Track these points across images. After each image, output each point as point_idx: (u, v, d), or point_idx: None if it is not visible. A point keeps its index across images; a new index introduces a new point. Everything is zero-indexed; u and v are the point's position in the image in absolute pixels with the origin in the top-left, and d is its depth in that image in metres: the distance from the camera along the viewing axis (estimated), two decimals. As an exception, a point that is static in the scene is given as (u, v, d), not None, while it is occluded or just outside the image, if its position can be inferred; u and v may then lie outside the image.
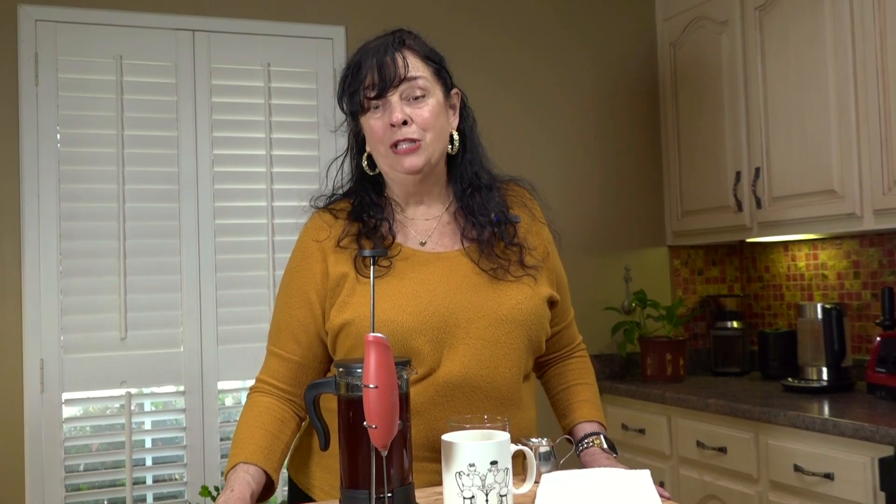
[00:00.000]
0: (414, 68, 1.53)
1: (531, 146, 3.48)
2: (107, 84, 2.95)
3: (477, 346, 1.50)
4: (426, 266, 1.55)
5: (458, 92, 1.63)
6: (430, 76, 1.55)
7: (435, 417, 1.47)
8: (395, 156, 1.53)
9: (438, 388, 1.49)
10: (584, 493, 1.20)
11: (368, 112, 1.54)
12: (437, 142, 1.55)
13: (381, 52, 1.53)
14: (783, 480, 2.59)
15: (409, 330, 1.47)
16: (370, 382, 1.16)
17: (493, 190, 1.62)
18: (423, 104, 1.53)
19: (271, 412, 1.54)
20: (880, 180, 2.62)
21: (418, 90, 1.53)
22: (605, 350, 3.53)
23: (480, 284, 1.54)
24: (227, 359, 3.01)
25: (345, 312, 1.51)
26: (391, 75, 1.51)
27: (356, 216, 1.60)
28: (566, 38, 3.58)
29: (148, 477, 2.93)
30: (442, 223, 1.62)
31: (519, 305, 1.53)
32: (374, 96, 1.52)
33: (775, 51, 3.02)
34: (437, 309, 1.50)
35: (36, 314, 2.83)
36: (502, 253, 1.57)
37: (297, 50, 3.18)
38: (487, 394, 1.51)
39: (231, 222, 3.06)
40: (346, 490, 1.27)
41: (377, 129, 1.53)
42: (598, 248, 3.57)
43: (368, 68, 1.53)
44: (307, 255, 1.59)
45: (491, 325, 1.51)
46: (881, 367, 2.71)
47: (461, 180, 1.62)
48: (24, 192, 2.85)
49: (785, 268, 3.51)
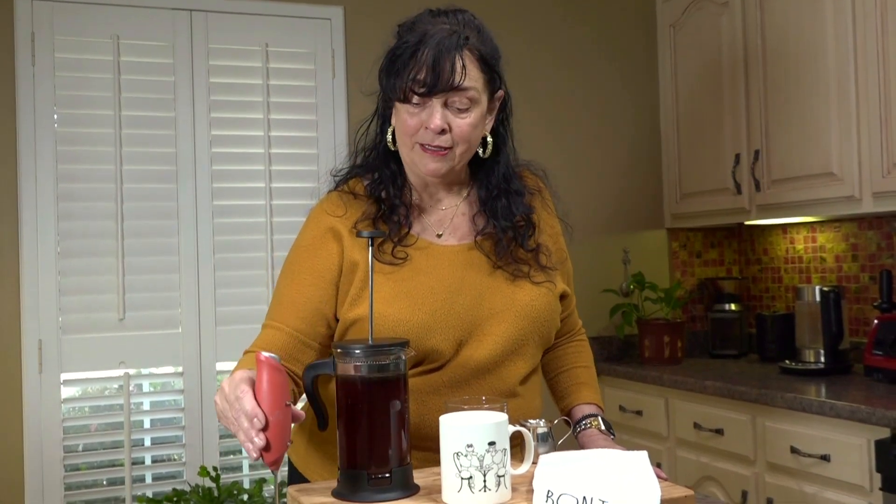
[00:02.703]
0: (469, 77, 1.44)
1: (529, 128, 3.44)
2: (104, 64, 2.94)
3: (490, 343, 1.49)
4: (442, 259, 1.53)
5: (502, 94, 1.56)
6: (482, 85, 1.47)
7: (436, 408, 1.45)
8: (422, 154, 1.48)
9: (447, 380, 1.49)
10: (581, 473, 1.21)
11: (407, 104, 1.46)
12: (467, 153, 1.51)
13: (441, 46, 1.42)
14: (780, 462, 2.60)
15: (425, 329, 1.45)
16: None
17: (520, 195, 1.58)
18: (465, 116, 1.46)
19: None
20: (879, 163, 2.62)
21: (466, 100, 1.45)
22: (604, 332, 3.54)
23: (496, 282, 1.53)
24: (225, 340, 3.01)
25: (357, 307, 1.48)
26: (445, 80, 1.42)
27: (374, 193, 1.55)
28: (565, 18, 3.56)
29: (147, 457, 2.94)
30: (458, 215, 1.59)
31: (533, 303, 1.53)
32: (420, 93, 1.43)
33: (776, 32, 3.01)
34: (452, 307, 1.48)
35: (34, 295, 2.83)
36: (520, 254, 1.56)
37: (295, 30, 3.16)
38: (493, 386, 1.51)
39: (229, 203, 3.06)
40: (344, 470, 1.27)
41: (410, 124, 1.46)
42: (596, 230, 3.57)
43: (423, 61, 1.42)
44: (320, 233, 1.53)
45: (505, 321, 1.50)
46: (878, 350, 2.71)
47: (488, 183, 1.57)
48: (21, 172, 2.84)
49: (783, 250, 3.51)
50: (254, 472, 3.03)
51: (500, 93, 1.55)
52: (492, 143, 1.56)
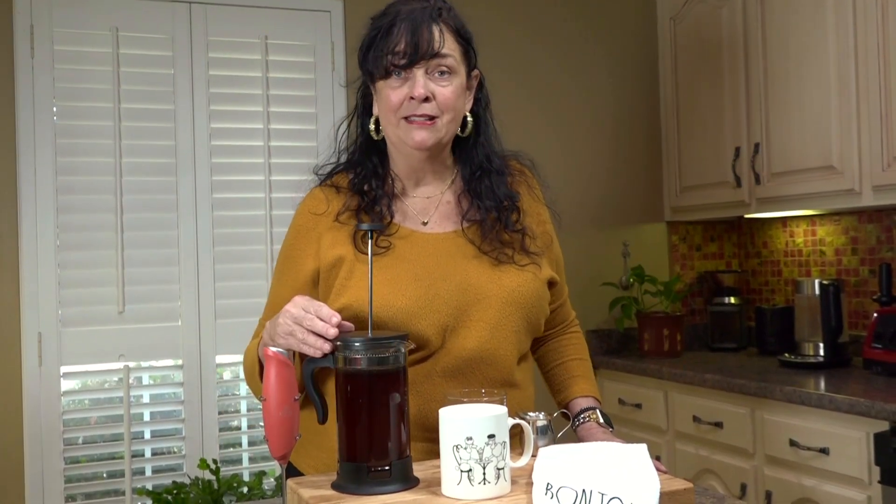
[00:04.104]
0: (447, 45, 1.48)
1: (529, 121, 3.46)
2: (103, 57, 2.93)
3: (477, 329, 1.49)
4: (426, 247, 1.53)
5: (478, 73, 1.59)
6: (459, 55, 1.52)
7: (432, 398, 1.47)
8: (408, 126, 1.50)
9: (437, 369, 1.48)
10: (581, 466, 1.21)
11: (389, 78, 1.50)
12: (452, 123, 1.53)
13: (416, 19, 1.47)
14: (779, 455, 2.60)
15: (409, 314, 1.46)
16: (263, 395, 1.26)
17: (502, 175, 1.60)
18: (447, 83, 1.49)
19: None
20: (880, 156, 2.62)
21: (445, 68, 1.49)
22: (603, 325, 3.54)
23: (481, 267, 1.53)
24: (224, 333, 3.01)
25: (343, 296, 1.49)
26: (424, 48, 1.46)
27: (357, 188, 1.57)
28: (564, 12, 3.55)
29: (146, 450, 2.95)
30: (443, 202, 1.60)
31: (520, 288, 1.52)
32: (402, 65, 1.48)
33: (776, 25, 3.00)
34: (437, 292, 1.48)
35: (34, 288, 2.83)
36: (504, 237, 1.56)
37: (294, 23, 3.16)
38: (485, 374, 1.51)
39: (228, 196, 3.06)
40: (344, 463, 1.27)
41: (394, 98, 1.49)
42: (596, 223, 3.57)
43: (402, 33, 1.46)
44: (303, 233, 1.57)
45: (491, 307, 1.50)
46: (877, 343, 2.72)
47: (471, 163, 1.59)
48: (20, 165, 2.84)
49: (783, 244, 3.51)
50: (253, 464, 3.04)
51: (476, 71, 1.58)
52: (472, 123, 1.58)
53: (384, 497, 1.23)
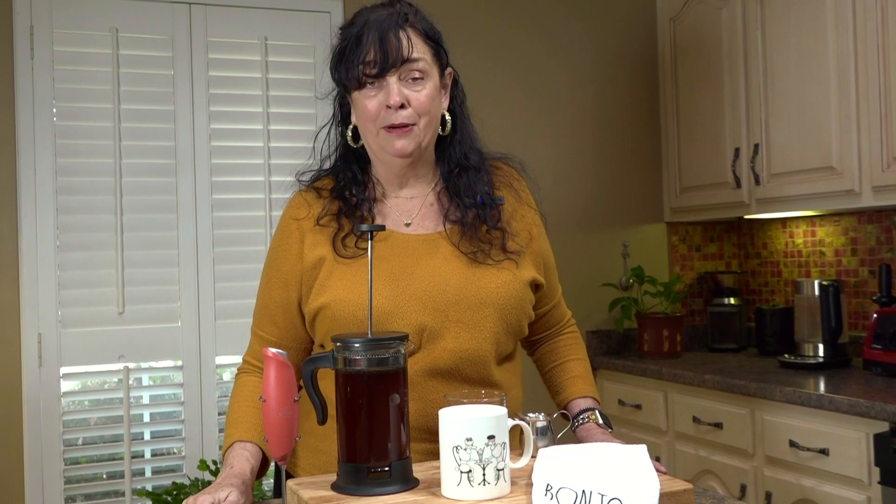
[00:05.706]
0: (416, 49, 1.49)
1: (528, 122, 3.47)
2: (103, 57, 2.93)
3: (455, 330, 1.49)
4: (405, 248, 1.54)
5: (452, 71, 1.60)
6: (430, 58, 1.52)
7: (411, 397, 1.45)
8: (388, 135, 1.50)
9: (416, 369, 1.48)
10: (580, 467, 1.21)
11: (363, 89, 1.50)
12: (430, 126, 1.53)
13: (383, 27, 1.47)
14: (778, 456, 2.60)
15: (385, 314, 1.46)
16: (262, 396, 1.26)
17: (481, 171, 1.60)
18: (420, 87, 1.50)
19: (258, 392, 1.53)
20: (879, 157, 2.62)
21: (417, 72, 1.49)
22: (603, 326, 3.54)
23: (460, 268, 1.52)
24: (224, 333, 3.01)
25: (322, 296, 1.50)
26: (394, 55, 1.47)
27: (338, 193, 1.59)
28: (563, 12, 3.55)
29: (146, 451, 2.95)
30: (426, 204, 1.60)
31: (498, 290, 1.52)
32: (373, 74, 1.48)
33: (776, 26, 3.00)
34: (414, 292, 1.48)
35: (33, 288, 2.83)
36: (484, 236, 1.55)
37: (294, 23, 3.16)
38: (466, 376, 1.51)
39: (228, 197, 3.06)
40: (343, 464, 1.27)
41: (371, 108, 1.50)
42: (595, 223, 3.57)
43: (370, 43, 1.47)
44: (286, 236, 1.59)
45: (469, 308, 1.50)
46: (877, 344, 2.72)
47: (449, 161, 1.60)
48: (20, 166, 2.84)
49: (783, 244, 3.51)
50: (253, 465, 3.03)
51: (449, 69, 1.59)
52: (450, 122, 1.59)
53: (384, 498, 1.23)
